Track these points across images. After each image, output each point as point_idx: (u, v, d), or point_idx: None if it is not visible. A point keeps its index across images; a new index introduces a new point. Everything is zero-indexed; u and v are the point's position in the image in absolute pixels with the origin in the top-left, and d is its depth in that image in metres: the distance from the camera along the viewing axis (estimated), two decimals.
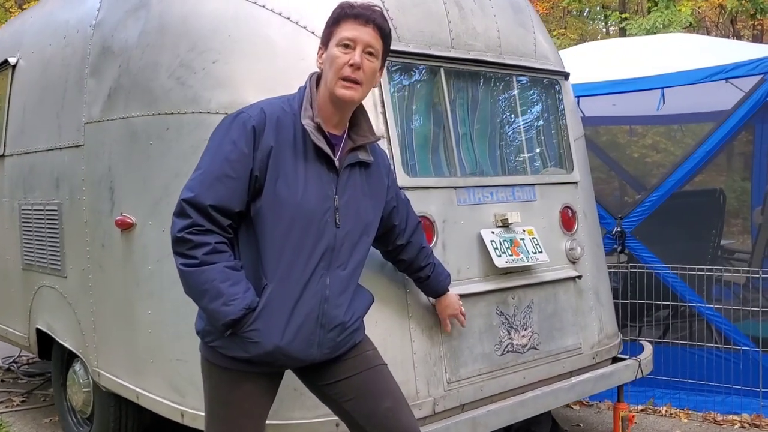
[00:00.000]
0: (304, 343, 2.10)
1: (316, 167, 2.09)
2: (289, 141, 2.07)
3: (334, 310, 2.13)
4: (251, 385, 2.14)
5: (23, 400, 5.01)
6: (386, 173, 2.37)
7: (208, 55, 2.84)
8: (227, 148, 2.04)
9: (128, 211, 3.10)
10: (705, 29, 17.35)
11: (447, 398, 2.89)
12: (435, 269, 2.65)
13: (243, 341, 2.05)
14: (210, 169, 2.05)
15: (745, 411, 4.36)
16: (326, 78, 2.10)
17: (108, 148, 3.23)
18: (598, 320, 3.58)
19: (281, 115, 2.08)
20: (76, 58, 3.51)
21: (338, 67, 2.07)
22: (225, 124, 2.10)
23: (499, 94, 3.40)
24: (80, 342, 3.57)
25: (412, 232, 2.52)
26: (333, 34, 2.11)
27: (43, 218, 3.85)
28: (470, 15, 3.22)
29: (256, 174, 2.04)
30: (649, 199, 4.64)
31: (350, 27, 2.08)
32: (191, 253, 2.01)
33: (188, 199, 2.03)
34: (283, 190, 2.04)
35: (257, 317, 2.03)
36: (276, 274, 2.05)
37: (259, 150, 2.04)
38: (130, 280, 3.13)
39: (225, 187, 2.02)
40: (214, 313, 2.01)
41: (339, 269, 2.14)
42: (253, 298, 2.03)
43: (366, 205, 2.21)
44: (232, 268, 2.03)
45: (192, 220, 2.01)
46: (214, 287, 1.99)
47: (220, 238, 2.04)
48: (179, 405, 2.89)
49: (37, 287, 3.99)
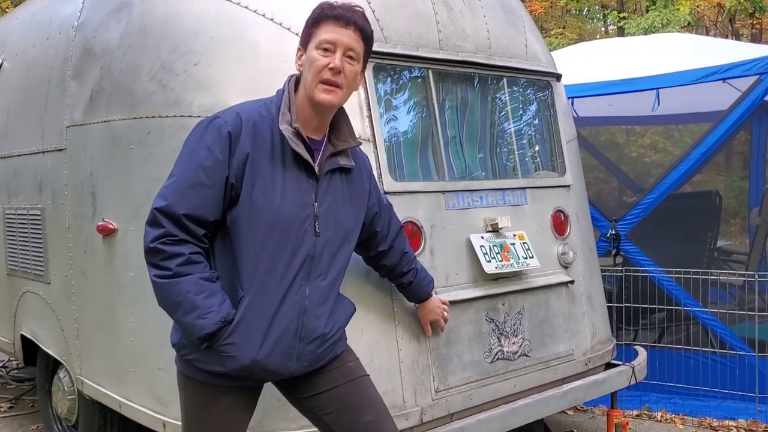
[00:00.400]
0: (283, 357, 2.03)
1: (294, 174, 2.02)
2: (266, 147, 1.99)
3: (314, 321, 2.06)
4: (228, 400, 2.07)
5: (11, 406, 4.95)
6: (368, 178, 2.30)
7: (190, 57, 2.77)
8: (201, 155, 1.96)
9: (110, 216, 3.04)
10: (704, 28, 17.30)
11: (435, 407, 2.83)
12: (417, 275, 2.58)
13: (219, 355, 1.98)
14: (183, 177, 1.97)
15: (741, 416, 4.30)
16: (305, 81, 2.03)
17: (90, 152, 3.17)
18: (591, 326, 3.52)
19: (258, 120, 2.01)
20: (59, 60, 3.44)
21: (318, 70, 2.00)
22: (199, 129, 2.02)
23: (489, 96, 3.34)
24: (64, 349, 3.51)
25: (394, 238, 2.45)
26: (312, 35, 2.03)
27: (26, 223, 3.79)
28: (459, 15, 3.16)
29: (231, 182, 1.96)
30: (644, 201, 4.59)
31: (330, 29, 2.01)
32: (164, 264, 1.93)
33: (161, 207, 1.95)
34: (260, 198, 1.97)
35: (233, 330, 1.96)
36: (253, 285, 1.98)
37: (235, 157, 1.96)
38: (112, 286, 3.07)
39: (199, 195, 1.95)
40: (189, 326, 1.94)
41: (319, 279, 2.06)
42: (229, 311, 1.96)
43: (347, 212, 2.14)
44: (207, 279, 1.96)
45: (165, 230, 1.93)
46: (189, 299, 1.92)
47: (195, 249, 1.97)
48: (161, 415, 2.82)
49: (21, 293, 3.93)
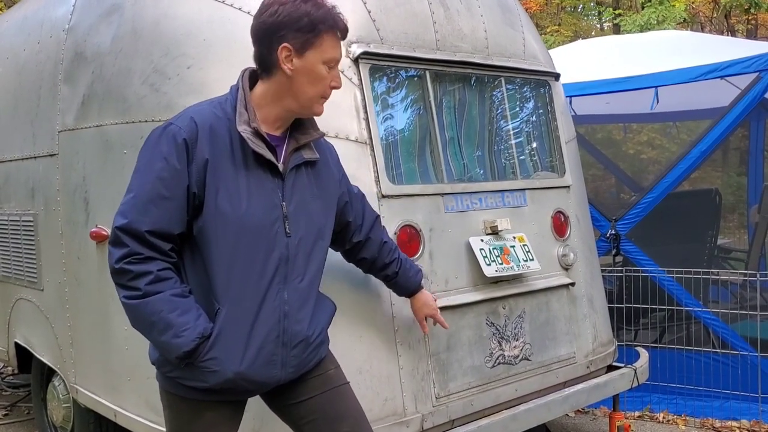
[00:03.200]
0: (266, 365, 1.96)
1: (258, 175, 1.94)
2: (225, 150, 1.90)
3: (296, 325, 1.99)
4: (213, 414, 2.01)
5: (6, 413, 4.90)
6: (336, 167, 2.22)
7: (183, 61, 2.73)
8: (158, 166, 1.87)
9: (103, 223, 2.99)
10: (699, 24, 17.28)
11: (436, 414, 2.78)
12: (402, 264, 2.46)
13: (201, 371, 1.90)
14: (142, 191, 1.88)
15: (744, 417, 4.27)
16: (301, 92, 1.95)
17: (82, 158, 3.12)
18: (593, 328, 3.48)
19: (214, 123, 1.91)
20: (50, 64, 3.39)
21: (324, 87, 1.97)
22: (152, 138, 1.92)
23: (487, 96, 3.30)
24: (58, 357, 3.46)
25: (370, 228, 2.36)
26: (313, 44, 1.92)
27: (19, 229, 3.74)
28: (456, 15, 3.11)
29: (193, 190, 1.88)
30: (644, 200, 4.55)
31: (335, 44, 1.95)
32: (132, 284, 1.85)
33: (122, 226, 1.86)
34: (224, 204, 1.89)
35: (213, 344, 1.89)
36: (228, 295, 1.91)
37: (194, 164, 1.87)
38: (106, 293, 3.01)
39: (160, 209, 1.86)
40: (166, 345, 1.87)
41: (296, 281, 1.99)
42: (206, 325, 1.89)
43: (316, 207, 2.06)
44: (179, 295, 1.88)
45: (129, 249, 1.84)
46: (162, 319, 1.84)
47: (163, 264, 1.88)
48: (156, 425, 2.77)
49: (14, 300, 3.88)
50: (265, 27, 1.92)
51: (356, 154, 2.72)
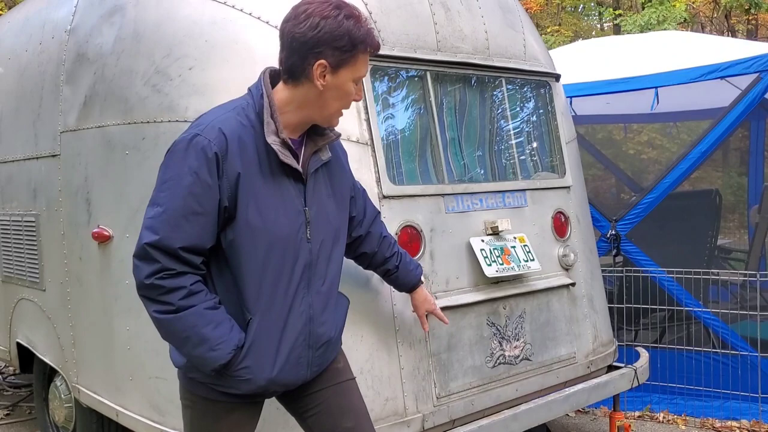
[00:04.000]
0: (295, 368, 1.99)
1: (283, 183, 1.93)
2: (254, 161, 1.88)
3: (320, 328, 2.02)
4: (238, 415, 2.03)
5: (8, 413, 4.91)
6: (346, 160, 2.22)
7: (184, 62, 2.73)
8: (188, 180, 1.81)
9: (105, 223, 3.00)
10: (699, 25, 17.28)
11: (437, 414, 2.79)
12: (402, 258, 2.47)
13: (233, 380, 1.92)
14: (173, 206, 1.82)
15: (744, 416, 4.28)
16: (327, 105, 1.93)
17: (84, 158, 3.13)
18: (593, 328, 3.49)
19: (242, 133, 1.88)
20: (52, 65, 3.40)
21: (347, 103, 1.97)
22: (179, 150, 1.86)
23: (488, 97, 3.31)
24: (60, 357, 3.47)
25: (370, 223, 2.36)
26: (348, 63, 1.89)
27: (21, 229, 3.75)
28: (457, 16, 3.12)
29: (225, 204, 1.85)
30: (644, 201, 4.55)
31: (366, 62, 1.93)
32: (164, 299, 1.82)
33: (153, 243, 1.81)
34: (255, 218, 1.87)
35: (246, 354, 1.90)
36: (259, 305, 1.91)
37: (225, 178, 1.84)
38: (108, 294, 3.03)
39: (193, 224, 1.82)
40: (200, 359, 1.87)
41: (318, 284, 2.01)
42: (239, 336, 1.89)
43: (332, 208, 2.07)
44: (211, 308, 1.86)
45: (161, 265, 1.81)
46: (197, 333, 1.83)
47: (195, 278, 1.86)
48: (159, 424, 2.79)
49: (16, 300, 3.89)
50: (303, 39, 1.85)
51: (357, 154, 2.73)
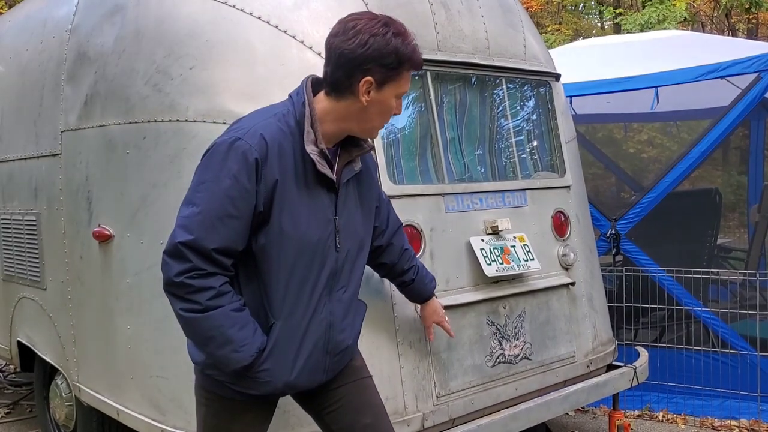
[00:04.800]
0: (312, 373, 2.02)
1: (317, 192, 1.95)
2: (291, 168, 1.90)
3: (339, 335, 2.05)
4: (253, 414, 2.06)
5: (8, 411, 4.92)
6: (375, 171, 2.25)
7: (185, 61, 2.74)
8: (226, 183, 1.83)
9: (106, 222, 3.01)
10: (700, 24, 17.27)
11: (436, 413, 2.80)
12: (419, 272, 2.50)
13: (253, 381, 1.94)
14: (209, 208, 1.84)
15: (743, 416, 4.29)
16: (369, 120, 1.95)
17: (85, 157, 3.14)
18: (593, 327, 3.50)
19: (282, 141, 1.89)
20: (53, 64, 3.40)
21: (389, 117, 1.99)
22: (219, 153, 1.87)
23: (488, 97, 3.31)
24: (61, 356, 3.47)
25: (393, 234, 2.38)
26: (393, 79, 1.90)
27: (22, 228, 3.75)
28: (457, 16, 3.12)
29: (260, 209, 1.87)
30: (644, 200, 4.56)
31: (409, 79, 1.95)
32: (193, 298, 1.84)
33: (187, 242, 1.83)
34: (288, 224, 1.90)
35: (267, 357, 1.92)
36: (283, 310, 1.94)
37: (263, 183, 1.86)
38: (109, 293, 3.04)
39: (227, 227, 1.84)
40: (223, 359, 1.89)
41: (340, 292, 2.04)
42: (262, 339, 1.92)
43: (359, 218, 2.09)
44: (237, 309, 1.89)
45: (192, 264, 1.83)
46: (222, 334, 1.86)
47: (224, 279, 1.88)
48: (160, 423, 2.79)
49: (17, 299, 3.90)
50: (352, 56, 1.86)
51: None
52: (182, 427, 2.69)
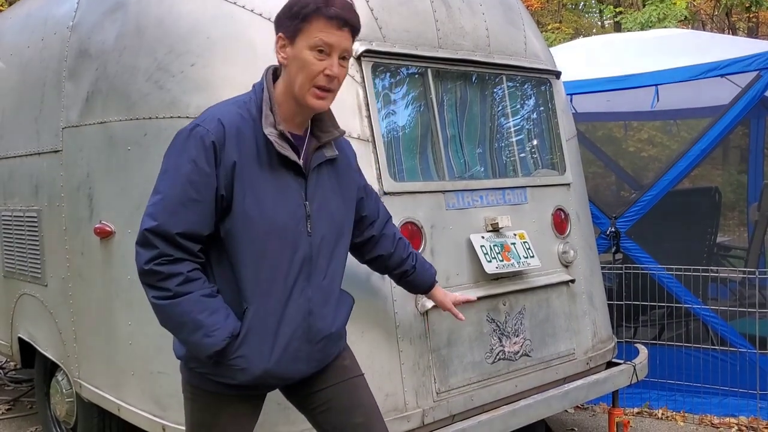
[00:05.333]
0: (293, 362, 2.00)
1: (282, 176, 1.96)
2: (252, 152, 1.91)
3: (319, 322, 2.03)
4: (237, 408, 2.05)
5: (9, 408, 4.93)
6: (354, 160, 2.24)
7: (186, 58, 2.74)
8: (187, 168, 1.87)
9: (107, 218, 3.01)
10: (700, 22, 17.27)
11: (436, 409, 2.81)
12: (418, 258, 2.47)
13: (229, 369, 1.94)
14: (171, 193, 1.88)
15: (742, 413, 4.30)
16: (293, 81, 1.93)
17: (86, 154, 3.14)
18: (592, 324, 3.51)
19: (241, 125, 1.92)
20: (54, 61, 3.41)
21: (312, 75, 1.91)
22: (179, 140, 1.92)
23: (488, 94, 3.32)
24: (61, 352, 3.48)
25: (383, 225, 2.36)
26: (303, 31, 1.90)
27: (23, 225, 3.76)
28: (458, 14, 3.13)
29: (222, 193, 1.89)
30: (644, 198, 4.57)
31: (326, 30, 1.89)
32: (163, 285, 1.87)
33: (152, 228, 1.87)
34: (252, 207, 1.91)
35: (241, 343, 1.92)
36: (255, 295, 1.94)
37: (222, 167, 1.88)
38: (110, 289, 3.04)
39: (191, 211, 1.87)
40: (196, 345, 1.90)
41: (319, 279, 2.02)
42: (235, 325, 1.92)
43: (337, 205, 2.08)
44: (208, 295, 1.90)
45: (159, 251, 1.86)
46: (192, 319, 1.87)
47: (192, 265, 1.90)
48: (160, 419, 2.80)
49: (18, 295, 3.90)
50: (274, 21, 1.97)
51: (358, 151, 2.69)
52: (183, 423, 2.67)
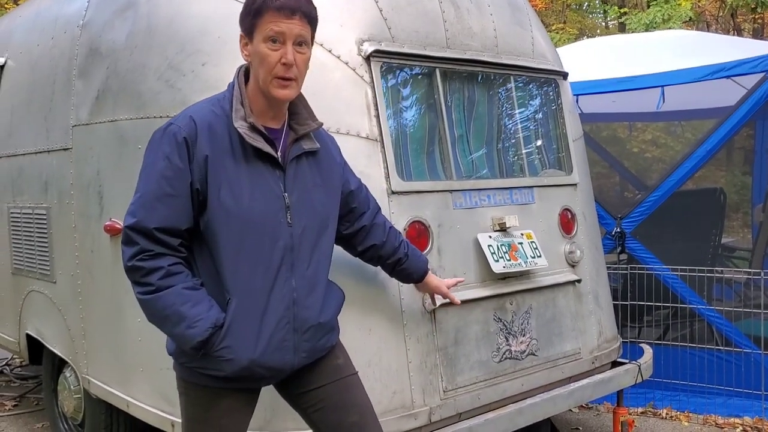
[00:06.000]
0: (279, 351, 2.02)
1: (259, 168, 1.99)
2: (225, 147, 1.96)
3: (305, 312, 2.05)
4: (229, 401, 2.07)
5: (15, 404, 4.95)
6: (338, 153, 2.27)
7: (197, 57, 2.77)
8: (161, 165, 1.94)
9: (117, 216, 3.03)
10: (705, 23, 17.26)
11: (443, 407, 2.83)
12: (409, 246, 2.50)
13: (216, 360, 1.97)
14: (147, 190, 1.95)
15: (747, 414, 4.30)
16: (257, 76, 1.99)
17: (96, 152, 3.17)
18: (598, 324, 3.52)
19: (213, 121, 1.97)
20: (64, 59, 3.43)
21: (270, 66, 1.96)
22: (155, 139, 2.00)
23: (496, 94, 3.33)
24: (70, 348, 3.51)
25: (374, 215, 2.39)
26: (256, 26, 1.96)
27: (32, 222, 3.78)
28: (466, 14, 3.15)
29: (196, 187, 1.94)
30: (649, 199, 4.58)
31: (275, 20, 1.93)
32: (145, 280, 1.93)
33: (132, 225, 1.93)
34: (228, 199, 1.95)
35: (226, 334, 1.95)
36: (237, 286, 1.97)
37: (195, 161, 1.94)
38: (119, 286, 3.06)
39: (167, 206, 1.93)
40: (180, 337, 1.94)
41: (302, 269, 2.05)
42: (218, 315, 1.95)
43: (320, 196, 2.11)
44: (190, 288, 1.95)
45: (140, 246, 1.92)
46: (175, 311, 1.92)
47: (174, 260, 1.95)
48: (169, 415, 2.83)
49: (26, 292, 3.93)
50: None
51: (367, 150, 2.76)
52: None
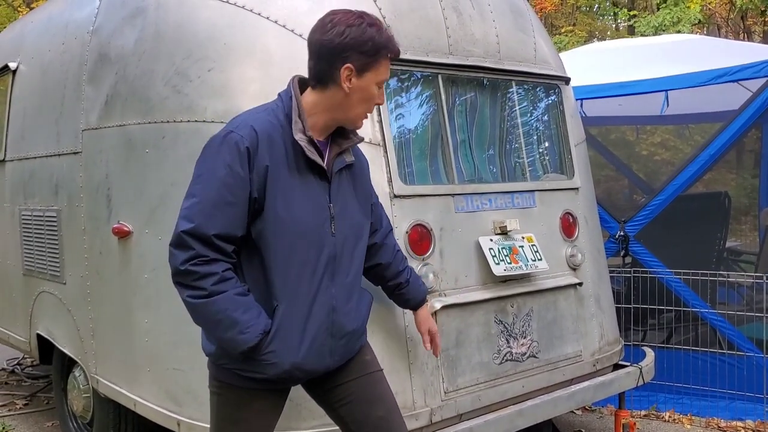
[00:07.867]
0: (318, 355, 2.10)
1: (309, 179, 2.08)
2: (282, 157, 2.02)
3: (343, 318, 2.14)
4: (263, 403, 2.14)
5: (26, 403, 5.03)
6: (367, 166, 2.36)
7: (204, 63, 2.82)
8: (222, 173, 1.97)
9: (125, 219, 3.09)
10: (715, 26, 17.20)
11: (444, 408, 2.87)
12: (412, 273, 2.56)
13: (260, 364, 2.03)
14: (207, 197, 1.98)
15: (749, 417, 4.31)
16: (351, 107, 2.08)
17: (105, 156, 3.23)
18: (599, 327, 3.55)
19: (272, 131, 2.03)
20: (74, 65, 3.50)
21: (371, 106, 2.11)
22: (213, 146, 2.03)
23: (498, 100, 3.37)
24: (79, 348, 3.57)
25: (386, 234, 2.46)
26: (372, 67, 2.04)
27: (42, 224, 3.85)
28: (469, 21, 3.19)
29: (254, 196, 2.00)
30: (653, 202, 4.60)
31: (388, 67, 2.08)
32: (198, 284, 1.96)
33: (189, 230, 1.96)
34: (283, 210, 2.01)
35: (272, 339, 2.02)
36: (285, 293, 2.04)
37: (255, 171, 1.98)
38: (128, 287, 3.13)
39: (226, 214, 1.97)
40: (231, 341, 1.99)
41: (342, 277, 2.14)
42: (266, 322, 2.02)
43: (356, 208, 2.21)
44: (241, 294, 2.00)
45: (195, 251, 1.95)
46: (228, 317, 1.96)
47: (226, 266, 2.00)
48: (176, 414, 2.88)
49: (37, 293, 4.00)
50: (331, 46, 2.01)
51: (370, 155, 2.77)
52: (198, 419, 2.77)
